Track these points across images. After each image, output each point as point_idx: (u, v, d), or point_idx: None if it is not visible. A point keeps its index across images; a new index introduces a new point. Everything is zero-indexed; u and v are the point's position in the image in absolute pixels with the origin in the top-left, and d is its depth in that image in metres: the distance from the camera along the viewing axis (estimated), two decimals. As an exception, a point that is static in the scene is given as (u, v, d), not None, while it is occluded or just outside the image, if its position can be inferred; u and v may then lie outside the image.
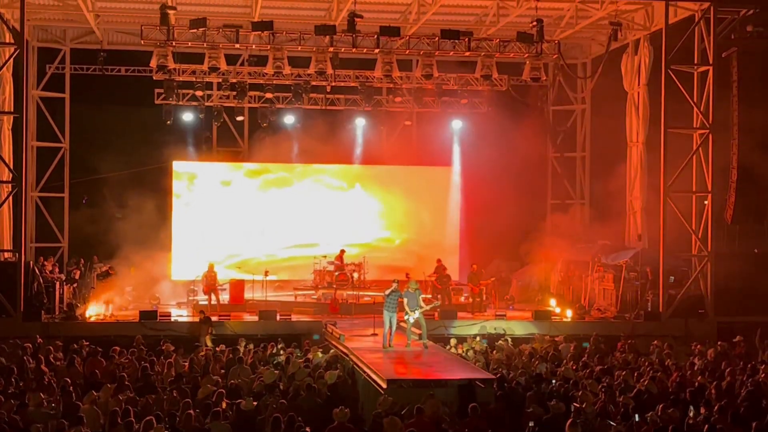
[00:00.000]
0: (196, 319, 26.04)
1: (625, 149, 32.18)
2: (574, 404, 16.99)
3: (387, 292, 22.14)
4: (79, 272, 29.43)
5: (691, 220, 29.00)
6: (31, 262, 28.29)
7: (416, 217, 33.79)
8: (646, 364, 21.58)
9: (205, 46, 27.89)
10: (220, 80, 31.59)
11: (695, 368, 21.52)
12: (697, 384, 19.23)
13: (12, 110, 28.53)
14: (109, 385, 17.80)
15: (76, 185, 32.46)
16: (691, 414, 16.72)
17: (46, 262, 29.15)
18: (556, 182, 35.34)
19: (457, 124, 34.57)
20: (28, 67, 28.82)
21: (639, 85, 31.29)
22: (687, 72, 28.96)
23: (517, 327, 27.28)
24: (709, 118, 28.64)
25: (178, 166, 33.44)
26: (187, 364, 20.89)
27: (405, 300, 21.97)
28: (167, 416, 15.67)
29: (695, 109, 28.87)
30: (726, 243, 29.31)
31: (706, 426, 15.50)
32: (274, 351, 22.29)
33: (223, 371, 20.23)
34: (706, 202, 29.16)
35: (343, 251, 31.39)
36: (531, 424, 15.55)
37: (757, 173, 31.01)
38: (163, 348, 22.86)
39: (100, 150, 34.44)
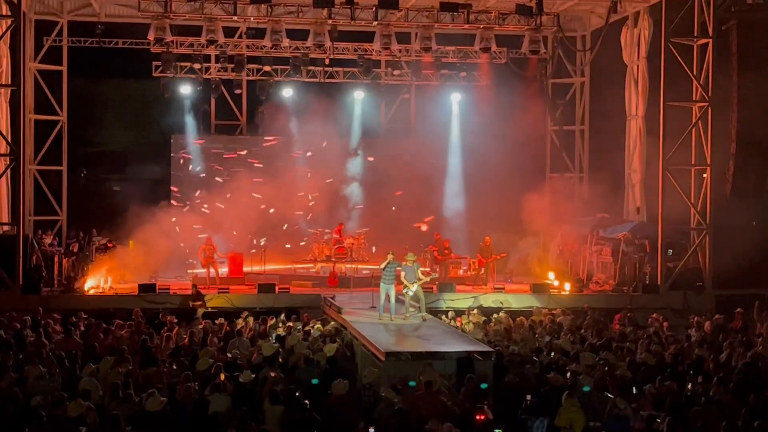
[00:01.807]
0: (194, 293, 26.02)
1: (624, 122, 32.12)
2: (572, 377, 17.05)
3: (383, 265, 22.20)
4: (77, 245, 29.42)
5: (689, 194, 28.99)
6: (30, 235, 28.33)
7: (415, 191, 33.73)
8: (644, 336, 21.65)
9: (202, 18, 27.77)
10: (218, 53, 31.48)
11: (693, 341, 21.59)
12: (694, 356, 19.32)
13: (9, 83, 28.42)
14: (108, 358, 17.86)
15: (74, 158, 32.38)
16: (689, 386, 16.78)
17: (44, 236, 29.17)
18: (554, 155, 35.29)
19: (455, 97, 34.48)
20: (25, 39, 28.67)
21: (638, 58, 31.18)
22: (687, 45, 28.84)
23: (516, 300, 27.33)
24: (709, 91, 28.57)
25: (176, 139, 33.38)
26: (186, 337, 20.94)
27: (403, 273, 22.03)
28: (167, 388, 15.74)
29: (695, 82, 28.79)
30: (725, 216, 29.28)
31: (704, 398, 15.57)
32: (273, 323, 22.33)
33: (221, 344, 20.28)
34: (704, 175, 29.14)
35: (341, 225, 31.41)
36: (528, 397, 15.59)
37: (756, 146, 31.04)
38: (165, 320, 22.93)
39: (98, 123, 34.40)
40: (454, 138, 34.22)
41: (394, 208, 33.29)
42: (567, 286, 28.77)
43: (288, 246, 32.64)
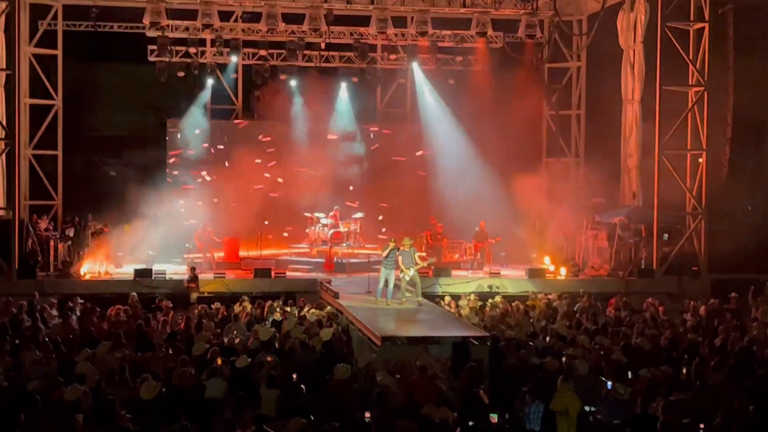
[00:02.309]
0: (190, 276, 26.01)
1: (621, 107, 32.09)
2: (567, 361, 17.09)
3: (385, 252, 22.28)
4: (73, 230, 29.39)
5: (685, 178, 29.00)
6: (25, 220, 28.29)
7: (412, 177, 33.73)
8: (640, 321, 21.70)
9: (198, 1, 27.67)
10: (214, 37, 31.39)
11: (688, 325, 21.65)
12: (689, 341, 19.37)
13: (4, 67, 28.33)
14: (105, 342, 17.87)
15: (69, 143, 32.29)
16: (684, 370, 16.84)
17: (39, 220, 29.12)
18: (551, 140, 35.25)
19: (451, 82, 34.34)
20: (20, 23, 28.57)
21: (635, 42, 31.14)
22: (683, 29, 28.81)
23: (511, 285, 27.37)
24: (705, 75, 28.56)
25: (172, 123, 33.31)
26: (182, 321, 20.96)
27: (400, 258, 22.08)
28: (163, 373, 15.76)
29: (691, 66, 28.77)
30: (720, 201, 29.32)
31: (698, 382, 15.62)
32: (271, 308, 22.35)
33: (218, 329, 20.29)
34: (700, 160, 29.16)
35: (337, 210, 31.40)
36: (525, 389, 15.61)
37: (752, 131, 31.06)
38: (162, 305, 22.93)
39: (94, 107, 34.32)
40: (450, 123, 34.13)
41: (389, 193, 33.22)
42: (563, 270, 28.83)
43: (285, 234, 32.60)
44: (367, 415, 13.53)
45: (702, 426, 13.26)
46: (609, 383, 15.63)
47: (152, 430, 12.66)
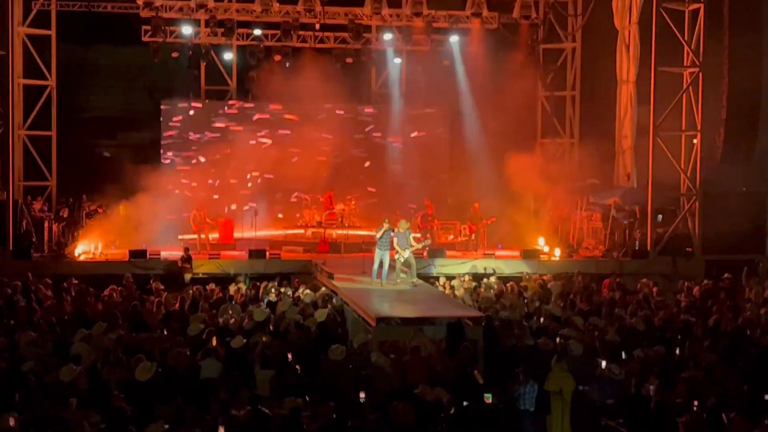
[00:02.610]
0: (184, 256, 26.00)
1: (615, 88, 32.05)
2: (561, 341, 17.14)
3: (379, 234, 22.27)
4: (67, 211, 29.36)
5: (680, 159, 29.02)
6: (20, 201, 28.26)
7: (406, 158, 33.71)
8: (634, 301, 21.77)
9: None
10: (208, 18, 31.26)
11: (682, 306, 21.72)
12: (683, 321, 19.43)
13: (-2, 47, 28.25)
14: (100, 323, 17.89)
15: (63, 123, 32.18)
16: (678, 351, 16.91)
17: (34, 201, 29.09)
18: (545, 121, 35.18)
19: (446, 63, 34.25)
20: (13, 3, 28.45)
21: (630, 23, 31.03)
22: (678, 10, 28.77)
23: (506, 266, 27.42)
24: (700, 56, 28.53)
25: (166, 104, 33.21)
26: (177, 302, 20.98)
27: (396, 239, 22.09)
28: (158, 354, 15.78)
29: (686, 47, 28.73)
30: (714, 182, 29.35)
31: (692, 362, 15.69)
32: (266, 288, 22.37)
33: (213, 310, 20.31)
34: (695, 141, 29.17)
35: (331, 191, 31.36)
36: (519, 369, 15.66)
37: (747, 112, 31.03)
38: (153, 286, 22.95)
39: (88, 88, 34.15)
40: (444, 103, 34.07)
41: (385, 175, 33.20)
42: (557, 251, 28.87)
43: (280, 216, 32.60)
44: (362, 395, 13.58)
45: (696, 405, 13.31)
46: (603, 363, 15.69)
47: (147, 410, 12.68)
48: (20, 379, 14.16)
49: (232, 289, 22.65)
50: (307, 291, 22.27)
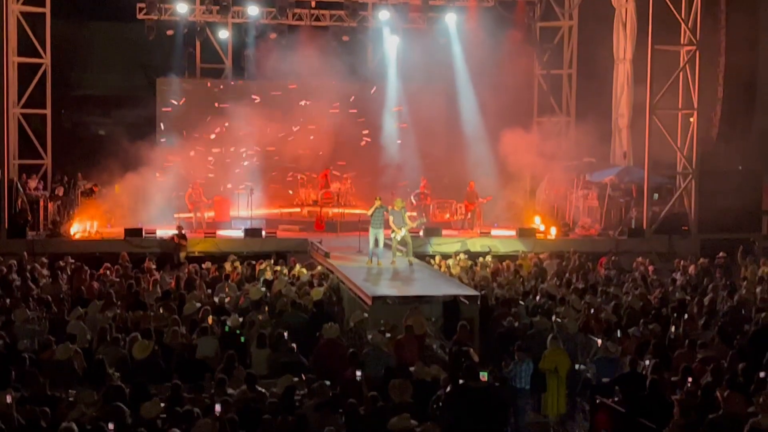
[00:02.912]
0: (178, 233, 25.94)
1: (612, 66, 31.99)
2: (557, 320, 17.17)
3: (371, 211, 22.26)
4: (62, 189, 29.30)
5: (676, 138, 28.99)
6: (15, 179, 28.19)
7: (402, 136, 33.68)
8: (630, 280, 21.79)
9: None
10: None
11: (677, 284, 21.74)
12: (678, 300, 19.46)
13: (-8, 25, 28.09)
14: (96, 302, 17.88)
15: (58, 102, 32.09)
16: (673, 329, 16.93)
17: (29, 179, 29.02)
18: (542, 100, 35.14)
19: (443, 42, 34.14)
20: (7, -19, 28.33)
21: (627, 1, 30.98)
22: (675, -12, 28.68)
23: (502, 244, 27.42)
24: (697, 34, 28.45)
25: (161, 83, 33.09)
26: (173, 281, 20.97)
27: (391, 218, 22.08)
28: (155, 332, 15.78)
29: (683, 25, 28.64)
30: (711, 160, 29.34)
31: (687, 341, 15.71)
32: (263, 267, 22.35)
33: (209, 289, 20.30)
34: (691, 120, 29.14)
35: (327, 170, 31.33)
36: (513, 347, 15.68)
37: (744, 90, 31.01)
38: (145, 266, 22.88)
39: (83, 66, 34.07)
40: (440, 81, 33.99)
41: (381, 154, 33.13)
42: (553, 230, 28.87)
43: (276, 190, 32.58)
44: (358, 373, 13.59)
45: (689, 382, 13.34)
46: (599, 341, 15.72)
47: (143, 388, 12.69)
48: (16, 358, 14.16)
49: (228, 267, 22.63)
50: (304, 269, 22.26)
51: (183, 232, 25.95)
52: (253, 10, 31.99)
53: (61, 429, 10.92)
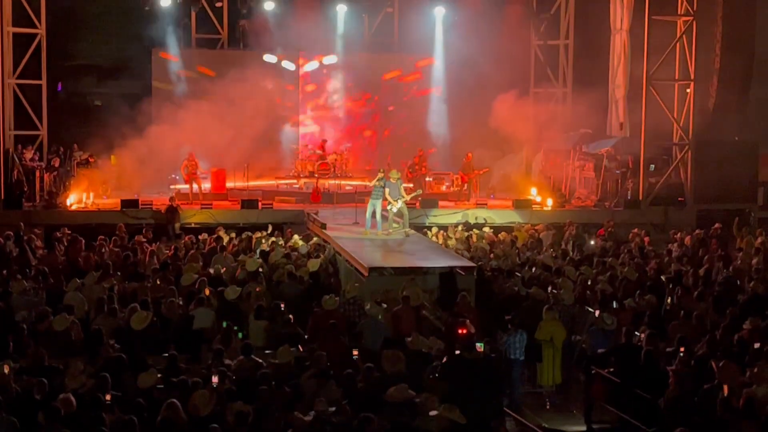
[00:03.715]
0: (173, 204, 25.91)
1: (609, 37, 31.87)
2: (553, 291, 17.23)
3: (373, 183, 22.29)
4: (58, 160, 29.23)
5: (673, 109, 28.96)
6: (11, 150, 28.12)
7: (399, 107, 33.61)
8: (625, 251, 21.84)
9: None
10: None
11: (673, 255, 21.80)
12: (674, 270, 19.52)
13: (-15, -5, 27.94)
14: (93, 273, 17.91)
15: (53, 72, 31.92)
16: (668, 300, 17.00)
17: (25, 150, 28.94)
18: (538, 70, 35.00)
19: (440, 12, 33.99)
20: (0, -50, 28.13)
21: (624, -29, 30.82)
22: (673, -43, 28.56)
23: (498, 216, 27.43)
24: (694, 4, 28.34)
25: (156, 52, 32.94)
26: (170, 252, 20.98)
27: (387, 190, 22.06)
28: (152, 303, 15.82)
29: (680, -6, 28.57)
30: (707, 131, 29.31)
31: (682, 312, 15.78)
32: (259, 238, 22.37)
33: (205, 260, 20.29)
34: (688, 91, 29.10)
35: (324, 141, 31.27)
36: (508, 317, 15.75)
37: (740, 61, 30.93)
38: (142, 234, 22.88)
39: (78, 36, 33.83)
40: (437, 52, 33.87)
41: (378, 124, 33.09)
42: (549, 201, 28.88)
43: (273, 161, 32.53)
44: (355, 353, 13.63)
45: (684, 352, 13.41)
46: (596, 313, 15.79)
47: (140, 359, 12.75)
48: (13, 328, 14.20)
49: (225, 238, 22.64)
50: (300, 241, 22.27)
51: (177, 203, 25.93)
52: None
53: (59, 399, 10.99)
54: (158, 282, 17.63)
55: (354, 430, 10.63)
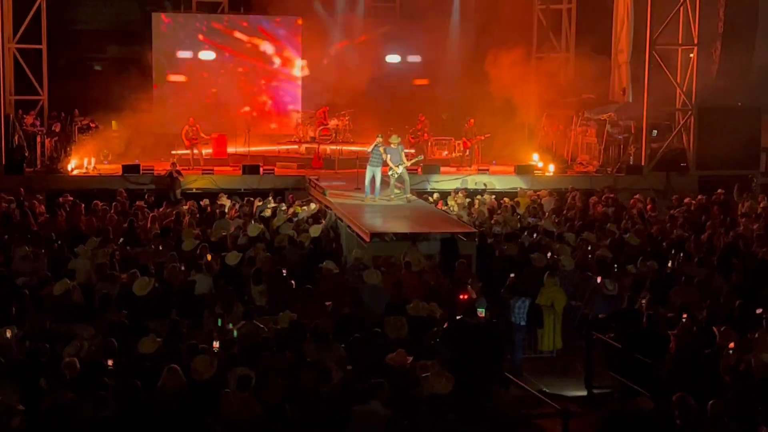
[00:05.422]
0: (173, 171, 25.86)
1: (612, 1, 31.67)
2: (554, 256, 17.23)
3: (370, 147, 22.19)
4: (59, 125, 29.17)
5: (676, 74, 28.83)
6: (11, 115, 28.04)
7: (401, 72, 33.47)
8: (627, 217, 21.82)
9: None
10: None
11: (675, 221, 21.78)
12: (676, 236, 19.51)
13: (-15, -41, 27.74)
14: (94, 238, 17.90)
15: (54, 37, 31.75)
16: (670, 265, 17.01)
17: (25, 116, 28.87)
18: (540, 35, 34.81)
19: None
20: None
21: (628, -67, 30.60)
22: None
23: (500, 181, 27.39)
24: (698, -31, 28.18)
25: (157, 17, 32.74)
26: (172, 217, 20.97)
27: (388, 156, 22.00)
28: (154, 268, 15.83)
29: (684, -41, 28.35)
30: (710, 97, 29.19)
31: (683, 277, 15.78)
32: (261, 204, 22.35)
33: (207, 226, 20.28)
34: (691, 55, 28.96)
35: (326, 107, 31.14)
36: (512, 275, 15.78)
37: (744, 26, 30.76)
38: (144, 200, 22.86)
39: (78, 0, 33.64)
40: (438, 16, 33.63)
41: (380, 91, 32.90)
42: (551, 167, 28.81)
43: (273, 126, 32.45)
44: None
45: (686, 317, 13.42)
46: (598, 279, 15.79)
47: (142, 324, 12.77)
48: (15, 293, 14.23)
49: (227, 204, 22.62)
50: (302, 206, 22.25)
51: (178, 168, 25.90)
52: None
53: (64, 363, 11.02)
54: (160, 247, 17.63)
55: (365, 394, 10.54)
